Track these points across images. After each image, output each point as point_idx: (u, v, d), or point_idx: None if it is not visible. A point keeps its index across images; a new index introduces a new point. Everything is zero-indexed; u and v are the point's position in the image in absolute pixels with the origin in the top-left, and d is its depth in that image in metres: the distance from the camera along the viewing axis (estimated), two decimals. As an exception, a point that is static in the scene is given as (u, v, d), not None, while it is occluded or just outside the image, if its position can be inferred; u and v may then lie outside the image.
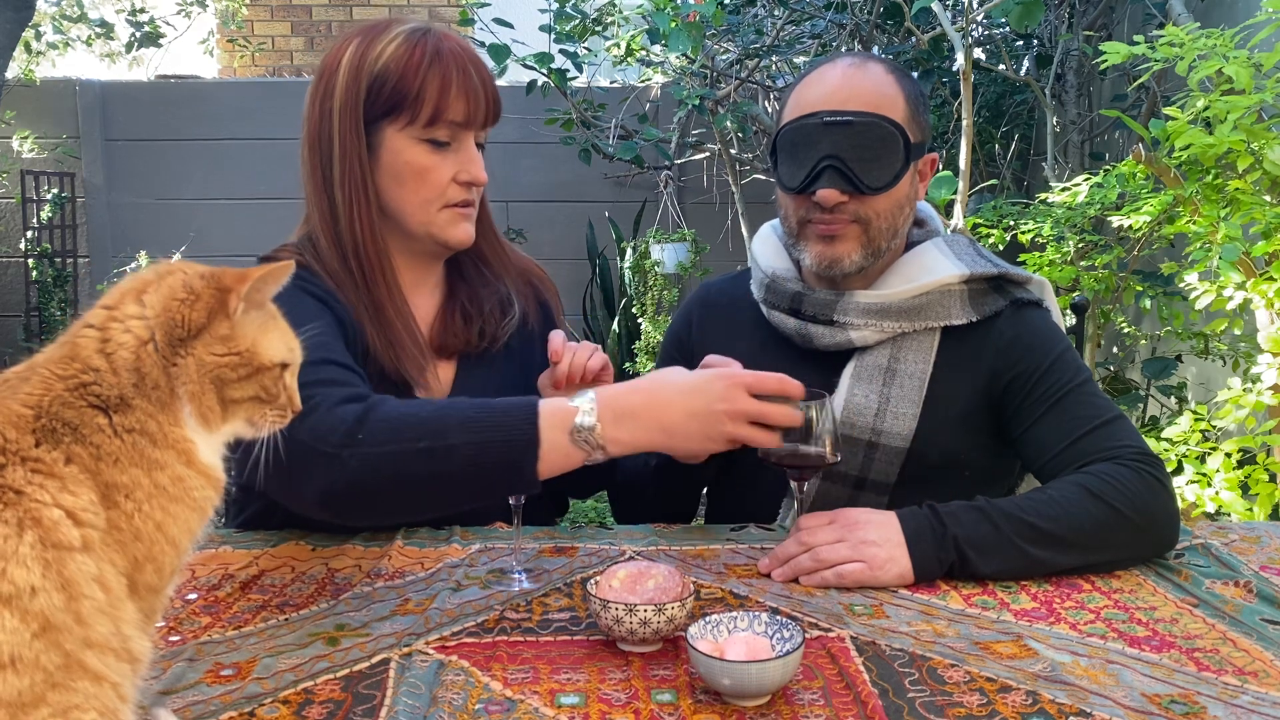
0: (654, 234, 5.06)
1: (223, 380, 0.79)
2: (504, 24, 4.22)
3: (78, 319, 0.79)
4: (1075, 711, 0.89)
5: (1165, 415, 3.36)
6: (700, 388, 1.14)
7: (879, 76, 1.41)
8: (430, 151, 1.34)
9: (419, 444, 1.10)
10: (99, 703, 0.67)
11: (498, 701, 0.91)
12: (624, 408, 1.12)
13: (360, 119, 1.33)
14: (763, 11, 4.52)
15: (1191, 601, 1.14)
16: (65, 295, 5.57)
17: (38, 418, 0.72)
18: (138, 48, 6.16)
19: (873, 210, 1.41)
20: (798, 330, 1.47)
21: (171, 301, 0.78)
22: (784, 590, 1.17)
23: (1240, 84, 2.13)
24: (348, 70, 1.33)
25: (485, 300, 1.47)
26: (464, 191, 1.38)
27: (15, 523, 0.66)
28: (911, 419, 1.40)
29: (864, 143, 1.38)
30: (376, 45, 1.34)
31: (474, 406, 1.14)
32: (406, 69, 1.32)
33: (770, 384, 1.17)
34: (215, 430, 0.80)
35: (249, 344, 0.80)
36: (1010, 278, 1.47)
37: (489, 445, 1.09)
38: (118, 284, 0.81)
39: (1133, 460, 1.28)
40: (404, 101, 1.32)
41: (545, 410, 1.11)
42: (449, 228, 1.39)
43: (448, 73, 1.32)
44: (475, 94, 1.34)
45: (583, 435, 1.11)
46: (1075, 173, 3.71)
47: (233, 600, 1.15)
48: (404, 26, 1.36)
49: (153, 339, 0.77)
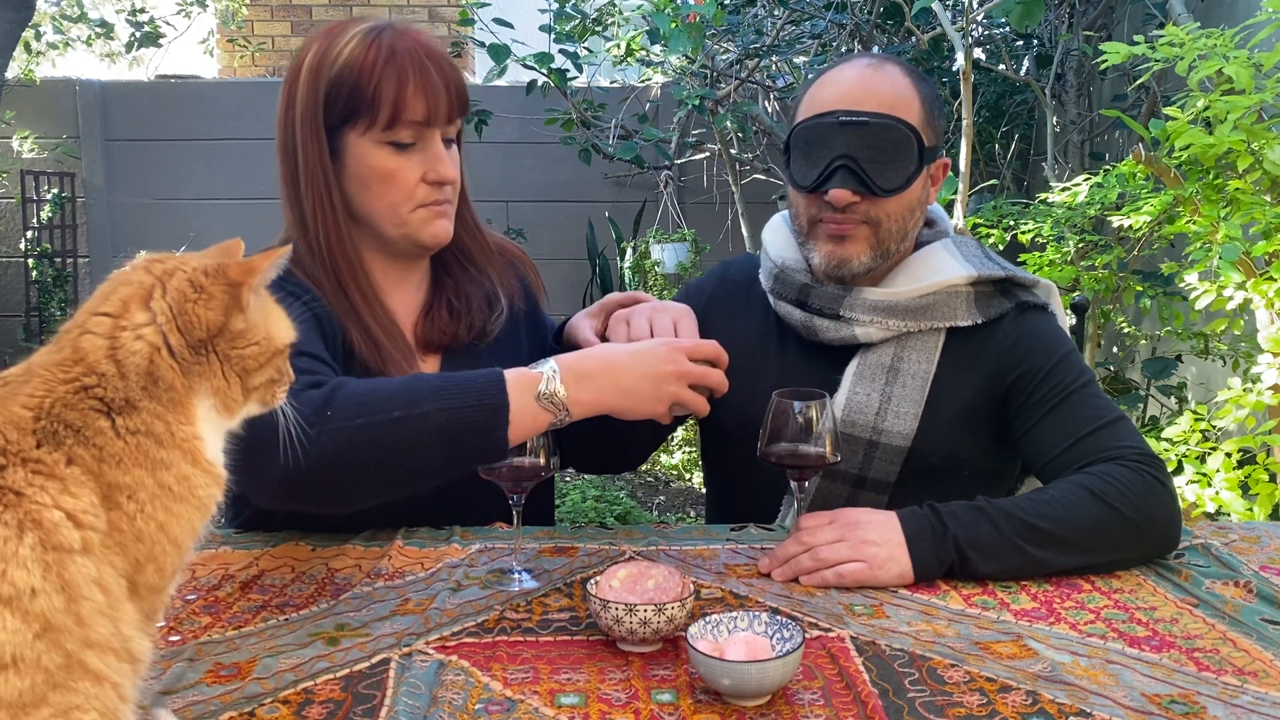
0: (654, 234, 5.06)
1: (247, 370, 0.81)
2: (504, 24, 4.23)
3: (68, 322, 0.79)
4: (1075, 711, 0.89)
5: (1165, 415, 3.36)
6: (646, 351, 1.21)
7: (896, 78, 1.41)
8: (394, 154, 1.33)
9: (392, 414, 1.11)
10: (99, 703, 0.67)
11: (498, 701, 0.91)
12: (583, 370, 1.18)
13: (320, 127, 1.32)
14: (763, 11, 4.52)
15: (1191, 601, 1.14)
16: (65, 295, 5.57)
17: (39, 419, 0.71)
18: (138, 48, 6.17)
19: (883, 212, 1.40)
20: (803, 322, 1.47)
21: (184, 304, 0.78)
22: (784, 590, 1.17)
23: (1240, 84, 2.13)
24: (307, 77, 1.32)
25: (472, 295, 1.46)
26: (434, 191, 1.36)
27: (16, 525, 0.66)
28: (913, 418, 1.40)
29: (878, 144, 1.37)
30: (333, 49, 1.31)
31: (440, 378, 1.18)
32: (361, 71, 1.30)
33: (706, 349, 1.23)
34: (233, 418, 0.82)
35: (264, 332, 0.83)
36: (1017, 281, 1.47)
37: (460, 410, 1.12)
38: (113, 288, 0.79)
39: (1134, 461, 1.28)
40: (361, 105, 1.30)
41: (511, 376, 1.16)
42: (424, 228, 1.37)
43: (404, 72, 1.30)
44: (435, 90, 1.31)
45: (548, 397, 1.15)
46: (1075, 173, 3.72)
47: (233, 600, 1.15)
48: (360, 26, 1.33)
49: (166, 344, 0.77)
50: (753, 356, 1.51)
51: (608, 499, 4.12)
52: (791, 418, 1.21)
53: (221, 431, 0.82)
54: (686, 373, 1.20)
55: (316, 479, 1.11)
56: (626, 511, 4.04)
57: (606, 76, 5.45)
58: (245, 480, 1.11)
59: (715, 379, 1.23)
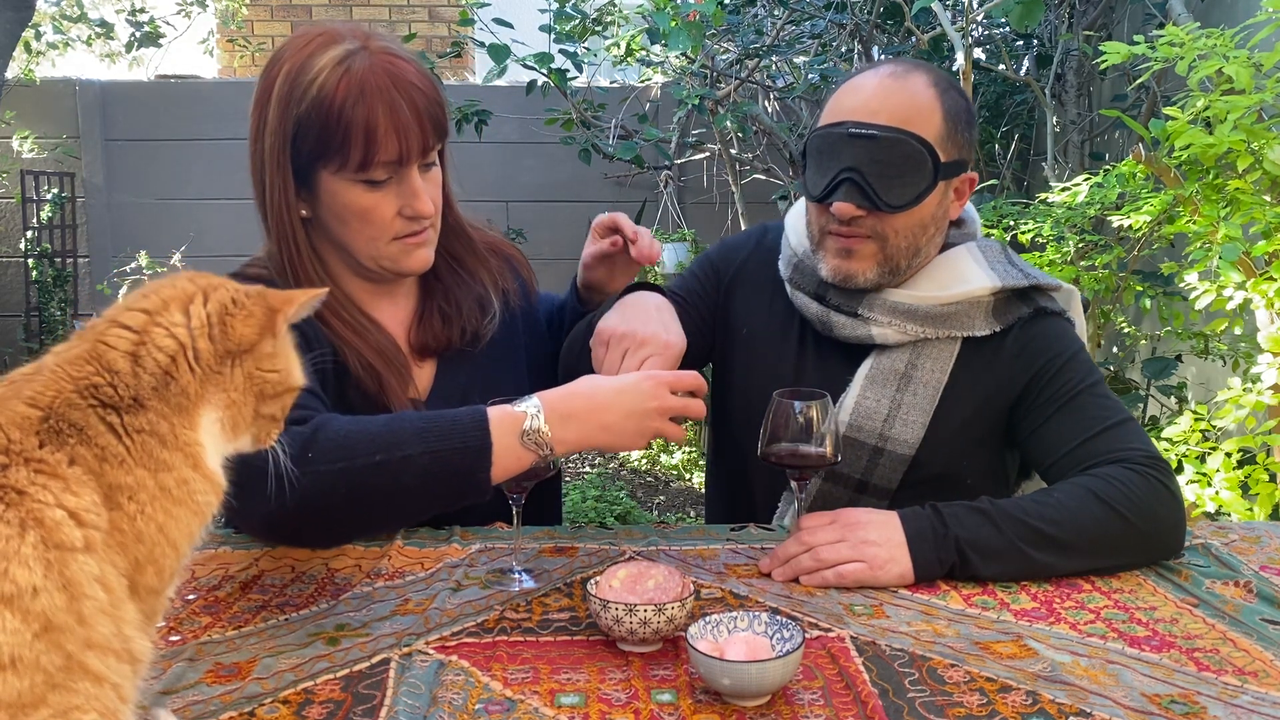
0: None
1: (263, 395, 0.83)
2: (504, 24, 4.22)
3: (95, 319, 0.80)
4: (1075, 711, 0.89)
5: (1165, 415, 3.36)
6: (630, 388, 1.18)
7: (918, 90, 1.36)
8: (368, 191, 1.28)
9: (373, 458, 1.11)
10: (99, 704, 0.67)
11: (498, 701, 0.91)
12: (567, 410, 1.16)
13: (288, 166, 1.28)
14: (763, 11, 4.52)
15: (1191, 601, 1.14)
16: (65, 295, 5.57)
17: (43, 419, 0.72)
18: (138, 48, 6.17)
19: (891, 228, 1.37)
20: (819, 317, 1.46)
21: (224, 315, 0.80)
22: (784, 590, 1.17)
23: (1240, 84, 2.13)
24: (277, 107, 1.27)
25: (463, 300, 1.45)
26: (411, 224, 1.32)
27: (18, 523, 0.66)
28: (920, 427, 1.40)
29: (887, 159, 1.34)
30: (305, 75, 1.25)
31: (422, 418, 1.17)
32: (330, 111, 1.24)
33: (687, 381, 1.21)
34: (234, 440, 0.83)
35: (285, 364, 0.84)
36: (1039, 287, 1.44)
37: (443, 453, 1.12)
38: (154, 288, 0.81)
39: (1140, 464, 1.27)
40: (330, 147, 1.25)
41: (495, 416, 1.15)
42: (401, 259, 1.35)
43: (373, 113, 1.24)
44: (407, 130, 1.26)
45: (532, 437, 1.14)
46: (1075, 173, 3.71)
47: (233, 600, 1.15)
48: (333, 51, 1.26)
49: (193, 347, 0.78)
50: (770, 342, 1.51)
51: (608, 499, 4.12)
52: (792, 418, 1.21)
53: (221, 448, 0.82)
54: (669, 408, 1.18)
55: (299, 520, 1.12)
56: (626, 511, 4.04)
57: (606, 76, 5.44)
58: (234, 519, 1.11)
59: (695, 410, 1.21)
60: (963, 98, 1.41)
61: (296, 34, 1.32)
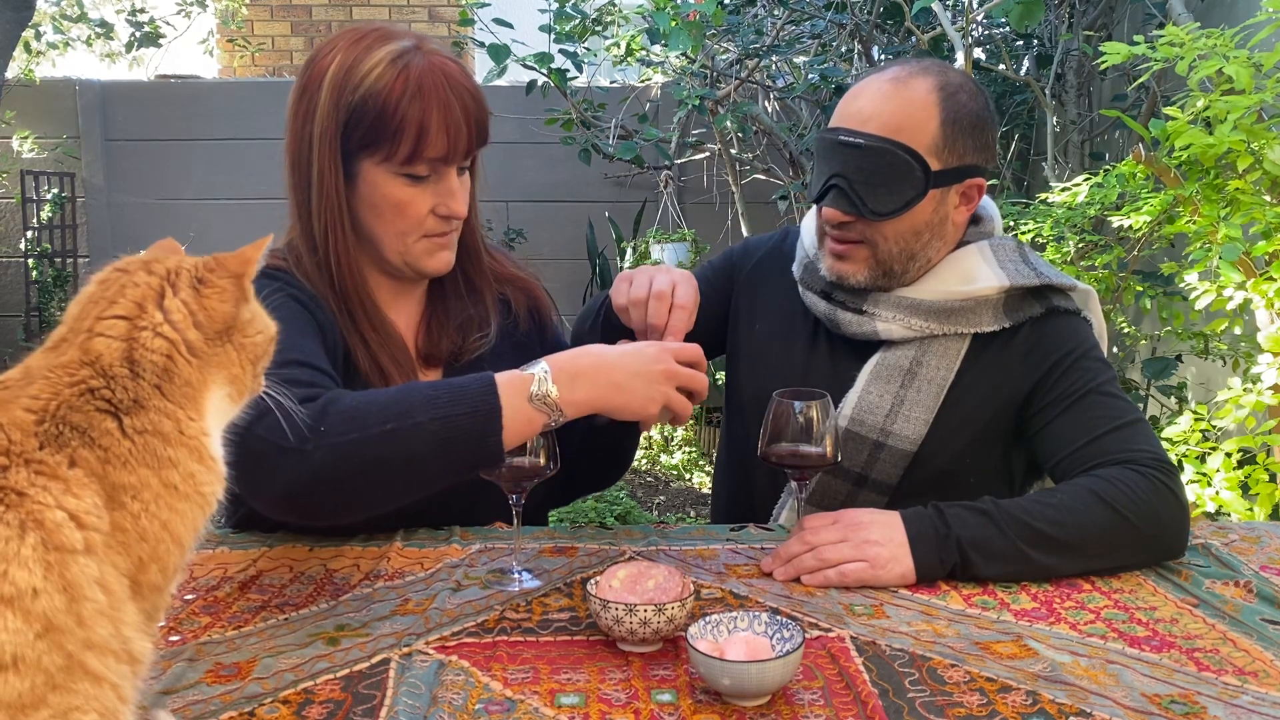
0: (654, 234, 5.05)
1: (258, 357, 0.85)
2: (504, 24, 4.22)
3: (63, 328, 0.79)
4: (1075, 711, 0.89)
5: (1165, 415, 3.36)
6: (635, 351, 1.20)
7: (916, 96, 1.36)
8: (408, 185, 1.31)
9: (385, 426, 1.11)
10: (99, 704, 0.67)
11: (498, 701, 0.91)
12: (575, 369, 1.17)
13: (339, 152, 1.30)
14: (763, 11, 4.52)
15: (1191, 601, 1.14)
16: (65, 295, 5.56)
17: (42, 421, 0.72)
18: (138, 48, 6.17)
19: (880, 234, 1.39)
20: (826, 314, 1.47)
21: (200, 299, 0.80)
22: (784, 590, 1.17)
23: (1240, 84, 2.13)
24: (329, 93, 1.29)
25: (454, 316, 1.45)
26: (442, 223, 1.35)
27: (18, 525, 0.66)
28: (923, 424, 1.40)
29: (873, 167, 1.35)
30: (360, 67, 1.28)
31: (431, 386, 1.18)
32: (386, 103, 1.27)
33: (689, 352, 1.22)
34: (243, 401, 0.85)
35: (263, 321, 0.86)
36: (1053, 286, 1.43)
37: (454, 419, 1.12)
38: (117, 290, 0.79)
39: (1146, 466, 1.26)
40: (382, 137, 1.28)
41: (503, 380, 1.15)
42: (425, 258, 1.37)
43: (428, 109, 1.27)
44: (456, 129, 1.29)
45: (541, 398, 1.14)
46: (1075, 173, 3.71)
47: (232, 600, 1.15)
48: (390, 47, 1.30)
49: (184, 340, 0.78)
50: (782, 339, 1.52)
51: (608, 499, 4.12)
52: (792, 418, 1.21)
53: (224, 423, 0.83)
54: (675, 373, 1.19)
55: (315, 494, 1.11)
56: (626, 511, 4.04)
57: (606, 76, 5.44)
58: (248, 495, 1.11)
59: (700, 383, 1.22)
60: (974, 101, 1.40)
61: (345, 30, 1.35)
